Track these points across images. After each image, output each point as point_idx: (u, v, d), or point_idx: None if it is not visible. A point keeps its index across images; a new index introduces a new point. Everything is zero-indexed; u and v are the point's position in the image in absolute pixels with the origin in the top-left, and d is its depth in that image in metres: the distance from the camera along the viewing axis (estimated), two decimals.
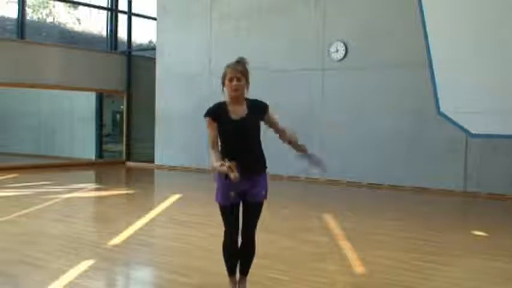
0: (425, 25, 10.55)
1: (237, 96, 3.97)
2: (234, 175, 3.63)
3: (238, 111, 3.98)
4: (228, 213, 4.08)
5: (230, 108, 3.99)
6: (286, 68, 12.26)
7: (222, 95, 4.07)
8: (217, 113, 3.98)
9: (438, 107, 10.49)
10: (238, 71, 3.95)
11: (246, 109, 4.01)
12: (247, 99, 4.05)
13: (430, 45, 10.51)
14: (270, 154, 4.26)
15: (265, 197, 4.13)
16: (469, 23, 10.18)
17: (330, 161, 11.73)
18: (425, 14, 10.55)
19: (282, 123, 4.23)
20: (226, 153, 3.90)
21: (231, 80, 3.94)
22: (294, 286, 4.67)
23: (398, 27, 11.00)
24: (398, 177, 10.93)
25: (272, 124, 4.15)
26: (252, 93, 4.16)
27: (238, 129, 3.95)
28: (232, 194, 3.94)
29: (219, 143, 4.01)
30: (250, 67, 4.07)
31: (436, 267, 5.36)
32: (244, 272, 4.26)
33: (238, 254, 4.21)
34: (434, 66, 10.49)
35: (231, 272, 4.25)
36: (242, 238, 4.17)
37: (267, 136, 4.28)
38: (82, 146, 16.34)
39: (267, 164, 4.17)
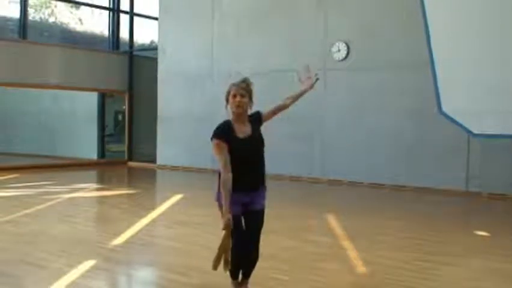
0: (427, 25, 10.54)
1: (240, 113, 4.03)
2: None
3: (244, 129, 4.05)
4: (238, 224, 4.08)
5: (235, 126, 4.05)
6: (288, 68, 12.24)
7: (218, 110, 4.12)
8: (225, 134, 3.99)
9: (440, 107, 10.48)
10: (242, 88, 4.03)
11: (250, 126, 4.09)
12: (249, 117, 4.13)
13: (432, 45, 10.50)
14: (272, 154, 4.27)
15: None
16: (471, 21, 10.16)
17: (331, 161, 11.82)
18: (427, 13, 10.54)
19: (283, 122, 4.24)
20: (232, 170, 3.95)
21: (234, 96, 4.01)
22: (296, 286, 4.68)
23: (400, 27, 11.00)
24: (400, 177, 10.92)
25: (274, 112, 4.24)
26: (254, 93, 4.18)
27: (247, 148, 4.01)
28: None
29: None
30: (252, 68, 4.12)
31: (437, 267, 5.36)
32: (247, 276, 4.28)
33: (245, 264, 4.24)
34: (435, 66, 10.48)
35: (235, 277, 4.26)
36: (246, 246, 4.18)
37: (268, 136, 4.28)
38: (84, 146, 16.35)
39: (267, 164, 4.20)
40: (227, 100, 4.06)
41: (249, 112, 4.13)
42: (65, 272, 4.89)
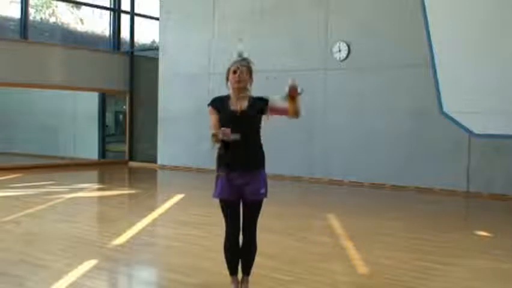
0: (427, 25, 10.54)
1: (240, 88, 4.05)
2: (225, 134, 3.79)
3: (240, 104, 4.05)
4: (227, 208, 4.11)
5: (233, 100, 4.08)
6: (289, 68, 12.25)
7: (226, 89, 4.14)
8: (219, 103, 4.10)
9: (441, 107, 10.49)
10: (243, 65, 4.07)
11: (247, 104, 4.08)
12: (251, 96, 4.11)
13: (433, 45, 10.50)
14: (272, 154, 4.27)
15: (265, 195, 4.14)
16: (472, 21, 10.16)
17: (332, 161, 11.82)
18: (427, 13, 10.54)
19: (283, 122, 4.27)
20: (224, 144, 3.98)
21: (234, 72, 4.06)
22: (297, 286, 4.68)
23: (401, 27, 11.00)
24: (401, 177, 10.92)
25: (277, 109, 4.10)
26: (255, 93, 4.20)
27: (236, 121, 3.97)
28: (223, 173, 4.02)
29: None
30: (253, 67, 4.15)
31: (438, 267, 5.36)
32: (246, 272, 4.28)
33: (239, 254, 4.22)
34: (436, 66, 10.49)
35: (233, 271, 4.26)
36: (243, 237, 4.19)
37: (268, 135, 4.29)
38: (85, 146, 16.37)
39: (268, 164, 4.18)
40: (227, 78, 4.10)
41: (250, 90, 4.12)
42: (65, 272, 4.90)
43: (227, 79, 4.11)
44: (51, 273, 4.93)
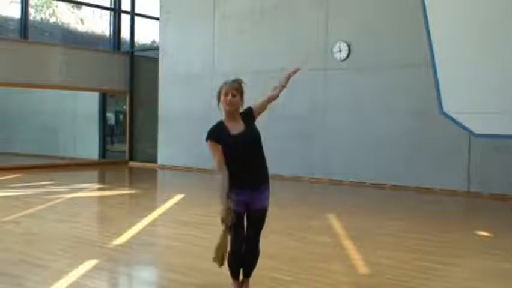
0: (428, 24, 10.54)
1: (232, 111, 4.05)
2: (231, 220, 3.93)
3: (236, 127, 4.06)
4: (238, 221, 4.10)
5: (228, 125, 4.07)
6: (289, 68, 12.23)
7: (218, 110, 4.13)
8: (216, 134, 4.03)
9: (441, 107, 10.48)
10: (234, 87, 4.05)
11: (242, 123, 4.09)
12: (241, 114, 4.14)
13: (433, 45, 10.49)
14: (272, 154, 4.27)
15: (267, 206, 4.20)
16: (472, 21, 10.16)
17: (332, 161, 11.82)
18: (428, 13, 10.54)
19: (284, 122, 4.28)
20: (230, 169, 3.97)
21: (226, 94, 4.03)
22: (297, 286, 4.68)
23: (401, 27, 11.00)
24: (401, 177, 10.92)
25: (265, 103, 4.30)
26: (255, 94, 4.22)
27: (240, 144, 4.01)
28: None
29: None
30: (252, 67, 4.15)
31: (438, 267, 5.36)
32: (248, 275, 4.30)
33: (242, 261, 4.24)
34: (437, 66, 10.48)
35: (235, 276, 4.27)
36: (246, 245, 4.19)
37: (267, 135, 4.30)
38: (85, 146, 16.37)
39: (268, 164, 4.20)
40: (218, 99, 4.08)
41: (241, 110, 4.14)
42: (66, 272, 4.90)
43: (218, 100, 4.09)
44: (51, 273, 4.93)
